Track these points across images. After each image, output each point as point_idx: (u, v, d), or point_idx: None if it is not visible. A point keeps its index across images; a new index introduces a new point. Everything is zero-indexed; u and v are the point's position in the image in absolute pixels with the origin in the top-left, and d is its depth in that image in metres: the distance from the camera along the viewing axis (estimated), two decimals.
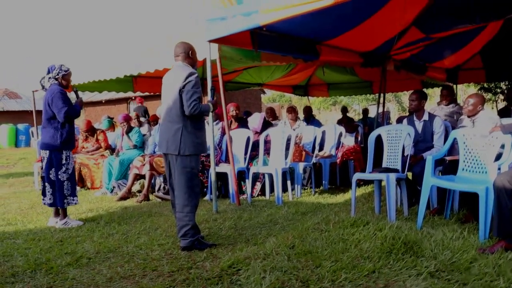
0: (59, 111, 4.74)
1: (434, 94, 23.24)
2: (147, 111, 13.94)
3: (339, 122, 11.68)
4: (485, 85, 13.48)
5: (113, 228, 4.71)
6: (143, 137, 7.53)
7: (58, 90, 4.82)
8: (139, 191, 6.80)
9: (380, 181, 4.69)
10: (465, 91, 20.78)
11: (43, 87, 4.97)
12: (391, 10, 5.77)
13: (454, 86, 11.75)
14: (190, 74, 3.72)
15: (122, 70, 6.64)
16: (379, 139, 4.97)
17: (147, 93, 9.93)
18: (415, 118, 5.05)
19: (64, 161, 4.88)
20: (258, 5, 4.57)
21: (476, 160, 4.07)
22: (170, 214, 5.36)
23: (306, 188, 6.87)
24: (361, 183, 7.02)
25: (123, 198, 6.45)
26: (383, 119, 9.67)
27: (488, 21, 7.16)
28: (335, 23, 6.03)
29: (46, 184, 4.89)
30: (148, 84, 8.86)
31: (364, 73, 10.35)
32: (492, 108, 15.54)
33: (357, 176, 4.56)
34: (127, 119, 7.44)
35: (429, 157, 4.04)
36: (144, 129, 8.60)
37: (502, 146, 3.94)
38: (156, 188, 6.73)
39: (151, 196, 6.42)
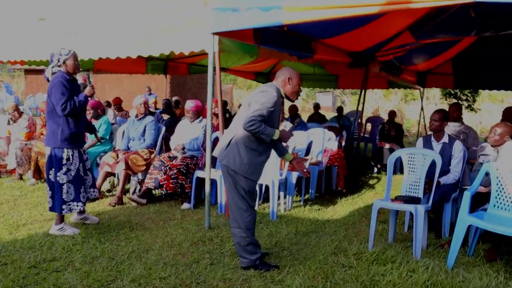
0: (57, 104, 4.08)
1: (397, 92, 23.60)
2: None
3: (310, 118, 11.31)
4: (452, 91, 13.66)
5: (94, 248, 3.99)
6: (111, 127, 6.65)
7: (59, 78, 4.14)
8: (109, 191, 6.02)
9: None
10: (430, 92, 20.94)
11: (48, 79, 4.25)
12: (394, 16, 5.41)
13: (422, 89, 11.81)
14: (268, 90, 3.41)
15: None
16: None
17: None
18: (433, 138, 4.69)
19: (64, 161, 4.22)
20: (281, 0, 3.97)
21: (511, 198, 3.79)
22: (154, 227, 4.71)
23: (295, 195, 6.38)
24: (343, 191, 6.72)
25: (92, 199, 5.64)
26: (361, 119, 9.54)
27: (483, 34, 7.02)
28: (337, 24, 5.56)
29: (46, 185, 4.29)
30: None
31: (331, 66, 10.02)
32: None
33: (379, 204, 4.12)
34: (95, 106, 6.46)
35: (467, 193, 3.68)
36: (110, 116, 7.67)
37: None
38: (131, 190, 5.95)
39: (125, 199, 5.66)
